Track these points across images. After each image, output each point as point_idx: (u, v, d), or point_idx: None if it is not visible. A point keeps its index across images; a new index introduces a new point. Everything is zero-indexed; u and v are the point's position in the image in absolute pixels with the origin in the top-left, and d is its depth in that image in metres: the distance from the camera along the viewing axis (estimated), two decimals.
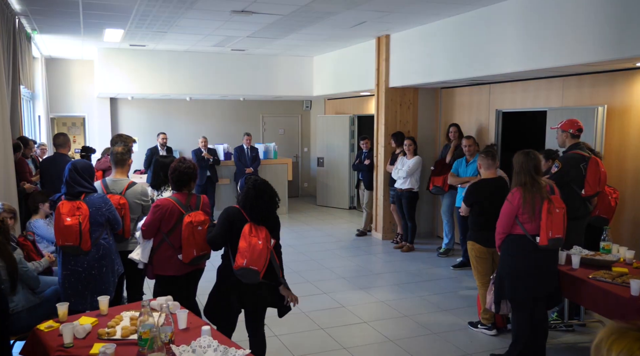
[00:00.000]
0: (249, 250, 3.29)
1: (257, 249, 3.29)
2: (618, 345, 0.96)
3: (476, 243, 4.72)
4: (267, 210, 3.45)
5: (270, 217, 3.48)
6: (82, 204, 3.71)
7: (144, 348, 2.63)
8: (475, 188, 4.75)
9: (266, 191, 3.45)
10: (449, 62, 6.86)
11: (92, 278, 3.79)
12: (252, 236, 3.33)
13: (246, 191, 3.47)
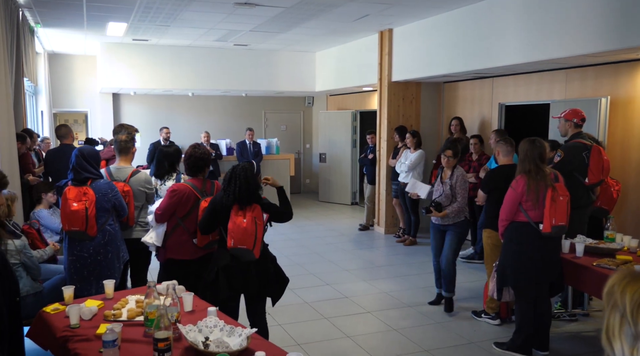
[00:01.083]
0: (234, 230, 3.33)
1: (241, 228, 3.30)
2: (632, 286, 0.96)
3: (493, 231, 4.66)
4: (238, 194, 3.38)
5: (246, 200, 3.41)
6: (88, 190, 3.73)
7: (151, 329, 2.64)
8: (494, 174, 4.73)
9: (239, 175, 3.41)
10: (451, 55, 6.86)
11: (98, 264, 3.81)
12: (237, 216, 3.35)
13: (225, 174, 3.54)
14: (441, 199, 4.97)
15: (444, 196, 4.96)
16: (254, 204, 3.41)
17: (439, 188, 5.06)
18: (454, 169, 5.01)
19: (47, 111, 10.23)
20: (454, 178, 4.95)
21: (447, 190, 4.96)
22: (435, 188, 5.14)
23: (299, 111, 13.29)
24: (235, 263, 3.43)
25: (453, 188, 4.93)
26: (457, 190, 4.92)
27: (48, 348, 3.16)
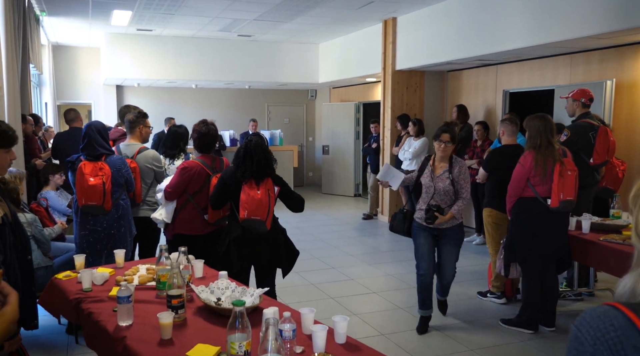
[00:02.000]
0: (248, 202, 3.36)
1: (255, 199, 3.35)
2: None
3: (494, 210, 4.71)
4: (255, 172, 3.42)
5: (263, 175, 3.46)
6: (104, 165, 3.76)
7: (163, 291, 2.66)
8: (496, 154, 4.75)
9: (256, 152, 3.44)
10: (455, 41, 6.88)
11: (112, 238, 3.84)
12: (250, 188, 3.38)
13: (237, 151, 3.54)
14: (439, 199, 3.97)
15: (442, 194, 3.96)
16: (267, 178, 3.44)
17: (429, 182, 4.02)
18: (451, 159, 4.02)
19: (51, 103, 10.26)
20: (456, 169, 3.95)
21: (447, 186, 3.93)
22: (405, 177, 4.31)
23: (301, 104, 13.31)
24: (246, 235, 3.45)
25: (456, 182, 3.93)
26: (461, 184, 3.95)
27: (60, 314, 3.19)
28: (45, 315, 4.42)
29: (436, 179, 3.99)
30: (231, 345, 1.87)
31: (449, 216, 3.96)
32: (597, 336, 0.90)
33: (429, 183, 4.02)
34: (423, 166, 4.13)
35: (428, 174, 4.05)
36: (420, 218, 4.07)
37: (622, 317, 0.90)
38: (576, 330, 0.94)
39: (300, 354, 2.07)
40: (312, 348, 2.10)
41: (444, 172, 3.99)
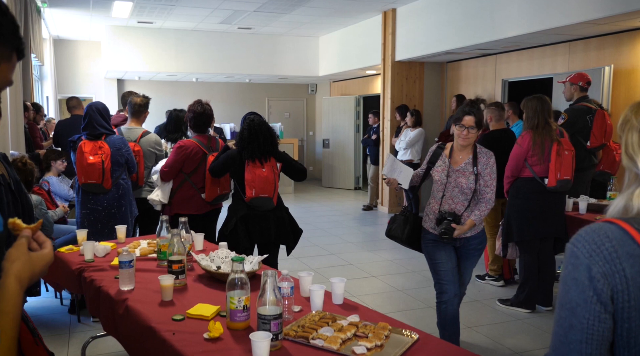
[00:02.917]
0: (255, 180, 3.41)
1: (262, 177, 3.40)
2: None
3: None
4: (262, 151, 3.47)
5: (269, 153, 3.50)
6: (103, 144, 3.81)
7: (164, 261, 2.70)
8: (485, 139, 4.79)
9: (261, 131, 3.47)
10: (455, 31, 6.92)
11: (112, 217, 3.88)
12: (255, 167, 3.42)
13: (241, 132, 3.54)
14: (453, 200, 3.10)
15: (460, 193, 3.09)
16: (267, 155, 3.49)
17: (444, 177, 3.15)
18: (475, 149, 3.14)
19: (52, 97, 10.31)
20: (482, 161, 3.09)
21: (471, 183, 3.07)
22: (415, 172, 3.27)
23: (302, 99, 13.36)
24: (252, 212, 3.49)
25: (481, 177, 3.08)
26: (486, 181, 3.08)
27: (63, 287, 3.23)
28: (47, 297, 4.49)
29: (455, 173, 3.11)
30: (230, 299, 1.91)
31: (468, 224, 3.05)
32: (593, 249, 0.94)
33: (443, 179, 3.13)
34: (435, 156, 3.21)
35: (443, 167, 3.15)
36: (434, 229, 3.16)
37: (617, 229, 0.94)
38: (572, 246, 0.97)
39: (298, 313, 2.11)
40: (310, 308, 2.15)
41: (466, 164, 3.09)
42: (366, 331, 1.86)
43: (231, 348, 1.78)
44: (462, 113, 3.09)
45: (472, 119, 3.05)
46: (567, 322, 0.95)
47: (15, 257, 0.91)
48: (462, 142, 3.09)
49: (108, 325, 2.33)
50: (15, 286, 0.85)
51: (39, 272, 0.95)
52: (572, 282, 0.95)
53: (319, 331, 1.85)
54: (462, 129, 3.06)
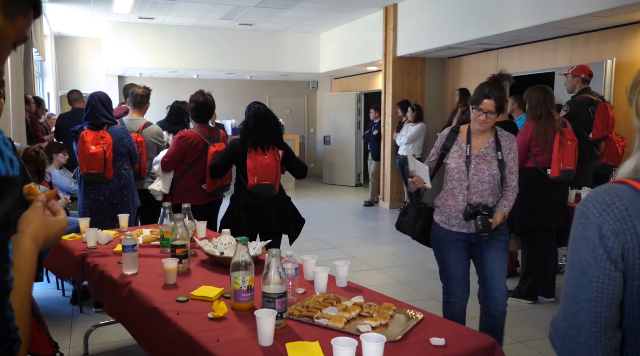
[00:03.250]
0: (257, 168, 3.40)
1: (264, 164, 3.40)
2: None
3: None
4: (268, 140, 3.47)
5: (272, 144, 3.50)
6: (105, 134, 3.80)
7: (167, 247, 2.70)
8: None
9: (266, 120, 3.47)
10: (456, 25, 6.91)
11: (114, 207, 3.87)
12: (257, 154, 3.42)
13: (246, 121, 3.53)
14: (476, 191, 2.75)
15: (483, 182, 2.75)
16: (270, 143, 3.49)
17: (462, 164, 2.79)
18: (496, 134, 2.82)
19: (53, 93, 10.31)
20: (505, 145, 2.80)
21: (494, 170, 2.75)
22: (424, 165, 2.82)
23: (303, 96, 13.35)
24: (255, 201, 3.49)
25: (505, 164, 2.78)
26: (510, 167, 2.80)
27: (65, 276, 3.23)
28: (49, 289, 4.49)
29: (475, 159, 2.76)
30: (235, 279, 1.91)
31: (500, 217, 2.73)
32: (603, 208, 0.93)
33: (461, 166, 2.77)
34: (449, 140, 2.85)
35: (460, 153, 2.80)
36: (446, 222, 2.84)
37: (627, 188, 0.94)
38: (581, 207, 0.97)
39: (302, 294, 2.11)
40: (313, 290, 2.14)
41: (487, 149, 2.78)
42: (371, 311, 1.85)
43: (236, 326, 1.77)
44: (480, 95, 2.70)
45: (491, 103, 2.67)
46: (576, 282, 0.95)
47: (31, 218, 0.91)
48: (478, 127, 2.75)
49: (111, 309, 2.33)
50: (30, 246, 0.85)
51: (54, 237, 0.95)
52: (581, 241, 0.95)
53: (324, 311, 1.85)
54: (480, 114, 2.70)
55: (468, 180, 2.77)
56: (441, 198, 2.90)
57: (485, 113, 2.69)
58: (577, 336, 0.94)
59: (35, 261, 0.84)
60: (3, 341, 0.65)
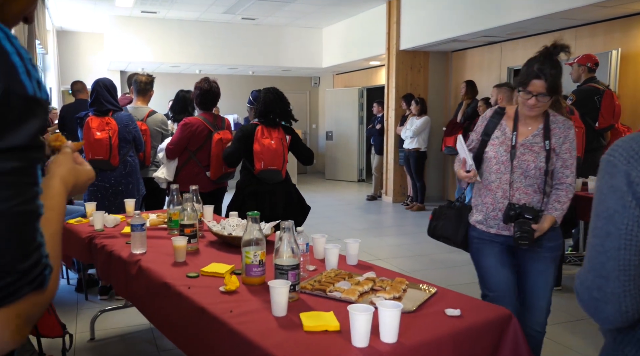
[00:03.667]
0: (264, 152, 3.38)
1: (271, 149, 3.38)
2: None
3: None
4: (281, 117, 3.49)
5: (281, 126, 3.51)
6: (110, 120, 3.79)
7: (174, 229, 2.68)
8: None
9: (281, 99, 3.54)
10: (460, 18, 6.89)
11: (119, 194, 3.86)
12: (264, 138, 3.40)
13: (260, 98, 3.58)
14: (520, 187, 2.32)
15: (528, 176, 2.30)
16: (278, 127, 3.48)
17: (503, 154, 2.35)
18: (547, 119, 2.35)
19: (55, 88, 10.30)
20: (557, 132, 2.32)
21: (541, 162, 2.29)
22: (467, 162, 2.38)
23: (305, 92, 13.34)
24: (262, 187, 3.47)
25: (557, 154, 2.32)
26: (565, 160, 2.32)
27: (71, 261, 3.21)
28: None
29: (519, 149, 2.32)
30: (246, 254, 1.89)
31: (548, 222, 2.27)
32: (631, 155, 0.92)
33: (501, 156, 2.35)
34: (491, 125, 2.41)
35: (503, 139, 2.37)
36: (483, 223, 2.44)
37: None
38: (607, 156, 0.96)
39: (313, 271, 2.10)
40: (324, 268, 2.13)
41: (535, 136, 2.33)
42: (383, 285, 1.84)
43: (248, 299, 1.76)
44: (528, 74, 2.24)
45: (541, 84, 2.20)
46: (603, 231, 0.94)
47: (61, 162, 0.91)
48: (528, 112, 2.30)
49: (120, 288, 2.32)
50: (61, 187, 0.84)
51: (82, 185, 0.94)
52: (608, 190, 0.94)
53: (336, 284, 1.83)
54: (528, 97, 2.24)
55: (510, 174, 2.32)
56: (477, 193, 2.47)
57: (535, 96, 2.22)
58: (604, 286, 0.93)
59: (65, 203, 0.83)
60: (35, 264, 0.64)
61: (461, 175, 2.40)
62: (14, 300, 0.62)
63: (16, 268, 0.62)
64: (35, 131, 0.65)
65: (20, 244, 0.63)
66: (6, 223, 0.61)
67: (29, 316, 0.65)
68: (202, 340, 1.65)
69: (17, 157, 0.62)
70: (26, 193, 0.64)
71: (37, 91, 0.65)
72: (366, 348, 1.37)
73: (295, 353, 1.34)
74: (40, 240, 0.66)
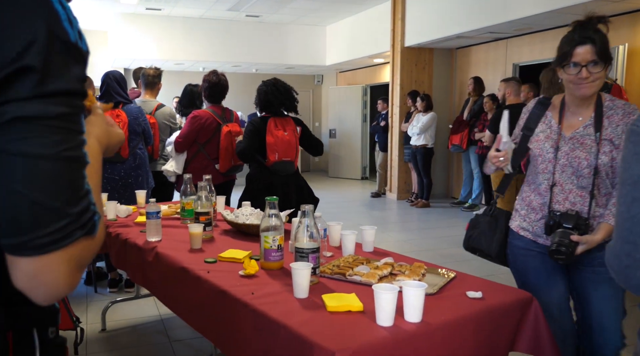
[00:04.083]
0: (277, 144, 3.38)
1: (284, 140, 3.39)
2: None
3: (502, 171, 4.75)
4: (285, 104, 3.49)
5: (289, 108, 3.52)
6: (121, 112, 3.79)
7: (187, 219, 2.69)
8: (500, 114, 4.79)
9: (287, 89, 3.55)
10: (466, 14, 6.89)
11: (129, 187, 3.86)
12: (277, 129, 3.40)
13: (258, 90, 3.59)
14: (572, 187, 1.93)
15: (580, 176, 1.91)
16: (288, 118, 3.48)
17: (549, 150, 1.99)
18: (599, 105, 1.93)
19: None
20: (613, 122, 1.90)
21: (592, 160, 1.90)
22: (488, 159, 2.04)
23: (308, 90, 13.34)
24: (275, 179, 3.47)
25: (614, 145, 1.88)
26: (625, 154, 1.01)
27: None
28: None
29: (568, 143, 1.94)
30: (265, 238, 1.89)
31: (602, 232, 1.82)
32: None
33: (547, 153, 1.98)
34: (534, 117, 2.05)
35: (548, 133, 2.00)
36: (529, 230, 2.04)
37: None
38: (632, 126, 0.96)
39: (330, 257, 2.10)
40: (341, 254, 2.13)
41: (587, 127, 1.92)
42: (402, 270, 1.84)
43: (269, 282, 1.76)
44: (569, 44, 1.87)
45: (589, 50, 1.82)
46: (629, 197, 0.94)
47: (95, 122, 0.91)
48: (581, 92, 1.86)
49: (135, 274, 2.32)
50: (96, 146, 0.85)
51: (113, 146, 0.95)
52: (632, 158, 0.94)
53: (355, 269, 1.83)
54: (576, 70, 1.84)
55: (553, 174, 1.94)
56: (522, 195, 2.11)
57: (585, 66, 1.81)
58: (633, 251, 0.93)
59: (101, 161, 0.84)
60: (85, 209, 0.65)
61: (490, 154, 2.00)
62: (67, 243, 0.63)
63: (68, 212, 0.63)
64: (79, 77, 0.66)
65: (70, 189, 0.64)
66: (57, 167, 0.62)
67: (79, 261, 0.66)
68: (224, 321, 1.65)
69: (63, 102, 0.63)
70: (74, 139, 0.64)
71: (79, 41, 0.66)
72: (391, 327, 1.38)
73: (322, 332, 1.34)
74: (88, 188, 0.67)
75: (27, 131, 0.60)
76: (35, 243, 0.61)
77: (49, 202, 0.61)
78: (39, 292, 0.64)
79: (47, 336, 0.80)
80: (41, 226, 0.61)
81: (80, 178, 0.65)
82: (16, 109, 0.60)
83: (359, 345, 1.28)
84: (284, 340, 1.39)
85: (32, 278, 0.63)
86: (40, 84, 0.61)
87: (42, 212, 0.61)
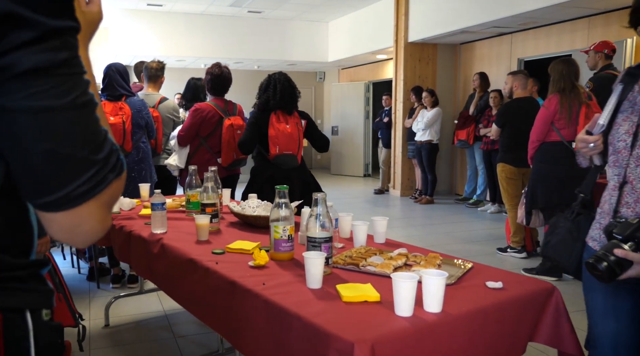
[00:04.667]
0: (279, 137, 3.33)
1: (286, 133, 3.32)
2: None
3: (507, 164, 4.71)
4: (285, 100, 3.43)
5: (291, 105, 3.45)
6: (124, 105, 3.73)
7: (193, 211, 2.63)
8: (507, 107, 4.74)
9: (280, 81, 3.47)
10: (469, 8, 6.83)
11: (132, 180, 3.80)
12: (279, 122, 3.34)
13: (260, 85, 3.55)
14: None
15: None
16: (293, 111, 3.43)
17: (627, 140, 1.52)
18: None
19: None
20: None
21: None
22: None
23: (310, 87, 13.28)
24: (278, 172, 3.41)
25: None
26: None
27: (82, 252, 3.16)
28: (65, 267, 4.43)
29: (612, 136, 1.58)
30: (275, 228, 1.84)
31: None
32: None
33: (621, 141, 1.55)
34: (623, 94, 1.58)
35: (629, 113, 1.55)
36: (597, 240, 1.65)
37: None
38: None
39: (341, 249, 2.04)
40: (352, 245, 2.08)
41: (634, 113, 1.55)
42: (417, 260, 1.78)
43: (279, 273, 1.70)
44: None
45: None
46: None
47: None
48: None
49: (140, 267, 2.27)
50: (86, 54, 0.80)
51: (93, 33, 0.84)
52: None
53: (369, 259, 1.78)
54: None
55: (626, 168, 1.51)
56: (603, 196, 1.68)
57: None
58: None
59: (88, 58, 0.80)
60: (111, 152, 0.66)
61: (578, 137, 1.62)
62: (102, 189, 0.64)
63: (96, 159, 0.63)
64: (74, 10, 0.62)
65: (92, 135, 0.63)
66: (75, 116, 0.61)
67: (111, 202, 0.68)
68: (234, 313, 1.59)
69: (65, 45, 0.60)
70: (81, 83, 0.62)
71: None
72: (411, 317, 1.32)
73: (338, 322, 1.29)
74: (104, 128, 0.66)
75: (38, 85, 0.58)
76: (71, 195, 0.62)
77: (77, 153, 0.61)
78: (79, 240, 0.67)
79: (41, 318, 0.75)
80: (75, 179, 0.61)
81: (95, 121, 0.64)
82: (19, 62, 0.57)
83: (379, 336, 1.22)
84: (298, 331, 1.33)
85: (71, 230, 0.64)
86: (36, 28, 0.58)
87: (71, 165, 0.61)
